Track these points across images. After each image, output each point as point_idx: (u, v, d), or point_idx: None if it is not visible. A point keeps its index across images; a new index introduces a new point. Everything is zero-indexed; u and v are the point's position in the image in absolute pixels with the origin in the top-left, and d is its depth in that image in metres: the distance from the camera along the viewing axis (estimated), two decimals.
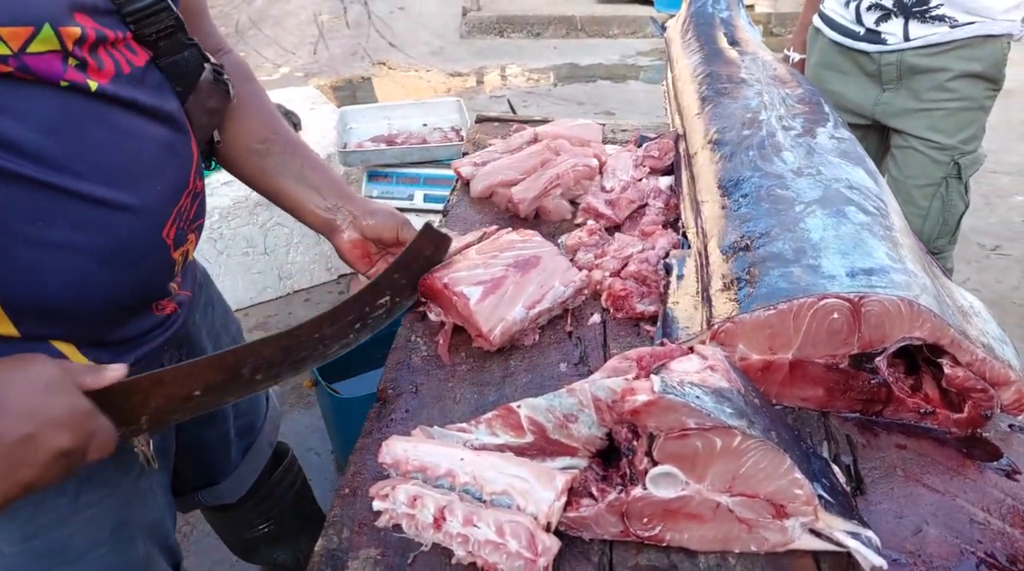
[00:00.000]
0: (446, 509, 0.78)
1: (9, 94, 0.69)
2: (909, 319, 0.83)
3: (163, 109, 0.84)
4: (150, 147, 0.81)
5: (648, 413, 0.70)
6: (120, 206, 0.78)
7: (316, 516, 1.60)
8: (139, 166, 0.80)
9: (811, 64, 2.13)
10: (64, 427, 0.66)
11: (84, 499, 0.87)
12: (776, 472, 0.71)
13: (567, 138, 1.48)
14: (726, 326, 0.88)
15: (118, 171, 0.78)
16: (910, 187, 1.90)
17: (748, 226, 1.02)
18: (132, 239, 0.80)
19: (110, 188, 0.77)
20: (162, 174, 0.83)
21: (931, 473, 0.83)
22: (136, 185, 0.80)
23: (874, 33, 1.86)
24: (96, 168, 0.76)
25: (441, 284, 1.03)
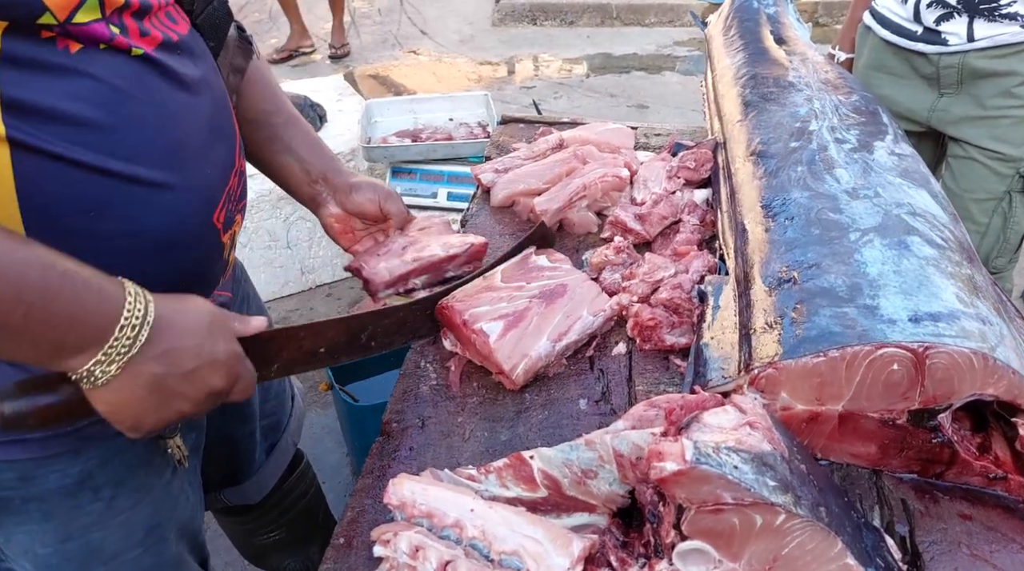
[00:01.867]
0: (449, 565, 0.70)
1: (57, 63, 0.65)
2: (982, 375, 0.73)
3: (208, 81, 0.82)
4: (198, 125, 0.79)
5: (678, 483, 0.61)
6: (172, 189, 0.76)
7: (328, 524, 1.57)
8: (189, 146, 0.77)
9: (859, 65, 1.99)
10: (221, 368, 0.72)
11: (118, 504, 0.86)
12: (825, 555, 0.62)
13: (596, 144, 1.38)
14: (768, 372, 0.79)
15: (169, 152, 0.75)
16: (968, 201, 1.75)
17: (795, 254, 0.91)
18: (185, 224, 0.78)
19: (162, 170, 0.74)
20: (211, 154, 0.81)
21: (1001, 551, 0.73)
22: (187, 166, 0.77)
23: (934, 33, 1.71)
24: (147, 149, 0.73)
25: (460, 320, 0.95)
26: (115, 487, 0.86)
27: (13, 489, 0.80)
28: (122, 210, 0.72)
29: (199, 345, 0.70)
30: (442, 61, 5.22)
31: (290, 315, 2.85)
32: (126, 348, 0.65)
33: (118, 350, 0.64)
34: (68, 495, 0.82)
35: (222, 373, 0.72)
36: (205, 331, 0.71)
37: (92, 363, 0.64)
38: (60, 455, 0.80)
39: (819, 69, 1.42)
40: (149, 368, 0.67)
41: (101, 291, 0.65)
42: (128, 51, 0.70)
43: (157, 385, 0.68)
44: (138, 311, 0.66)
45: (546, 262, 1.07)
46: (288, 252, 2.80)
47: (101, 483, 0.84)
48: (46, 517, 0.82)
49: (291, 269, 2.86)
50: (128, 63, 0.70)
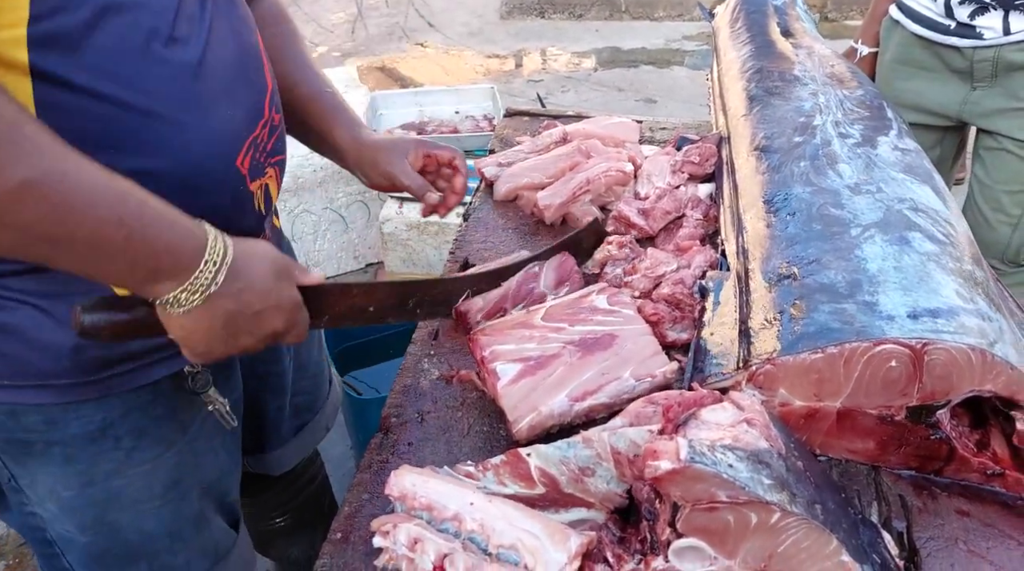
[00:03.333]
0: (447, 559, 0.71)
1: None
2: (980, 371, 0.73)
3: (235, 27, 0.84)
4: (222, 66, 0.81)
5: (672, 482, 0.61)
6: (191, 126, 0.78)
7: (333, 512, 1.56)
8: (211, 85, 0.79)
9: (885, 60, 1.96)
10: (283, 312, 0.77)
11: (137, 456, 0.88)
12: (820, 553, 0.62)
13: (601, 137, 1.38)
14: (766, 368, 0.79)
15: (188, 89, 0.77)
16: (999, 193, 1.74)
17: (796, 250, 0.91)
18: (203, 163, 0.80)
19: (180, 107, 0.77)
20: (235, 97, 0.83)
21: (998, 547, 0.73)
22: (206, 105, 0.79)
23: (967, 27, 1.69)
24: (166, 84, 0.75)
25: (480, 355, 0.90)
26: (136, 438, 0.88)
27: (38, 432, 0.82)
28: (140, 146, 0.74)
29: (267, 289, 0.75)
30: (449, 54, 5.21)
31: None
32: (208, 281, 0.70)
33: (202, 281, 0.70)
34: (90, 441, 0.85)
35: (283, 317, 0.77)
36: (273, 276, 0.76)
37: (179, 290, 0.69)
38: (85, 402, 0.82)
39: (825, 63, 1.40)
40: (225, 303, 0.72)
41: (188, 226, 0.70)
42: None
43: (229, 319, 0.73)
44: (218, 250, 0.71)
45: (604, 304, 0.97)
46: (293, 245, 2.79)
47: (122, 432, 0.86)
48: (68, 461, 0.85)
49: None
50: None
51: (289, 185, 2.66)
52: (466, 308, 0.98)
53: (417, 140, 1.13)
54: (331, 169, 2.72)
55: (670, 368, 0.89)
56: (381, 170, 1.09)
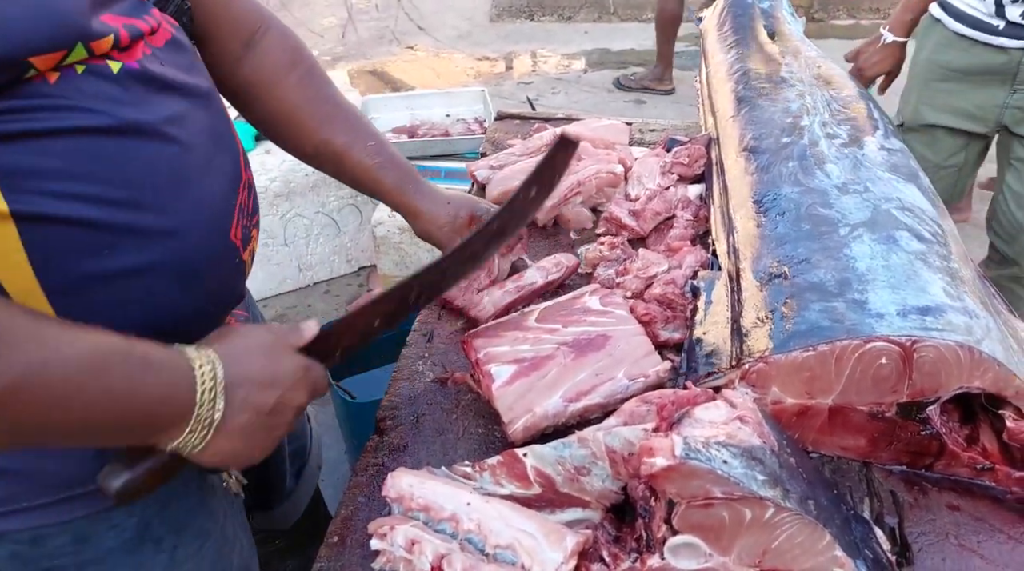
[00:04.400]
0: (445, 559, 0.71)
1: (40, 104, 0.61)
2: (968, 367, 0.74)
3: (202, 88, 0.77)
4: (200, 138, 0.74)
5: (668, 479, 0.62)
6: (182, 213, 0.71)
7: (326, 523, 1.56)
8: (193, 163, 0.73)
9: (921, 59, 1.95)
10: (299, 386, 0.72)
11: (181, 553, 0.82)
12: (813, 548, 0.63)
13: (591, 140, 1.38)
14: (758, 367, 0.80)
15: (173, 173, 0.70)
16: None
17: (785, 249, 0.92)
18: (200, 245, 0.74)
19: (169, 195, 0.70)
20: (217, 168, 0.77)
21: (989, 542, 0.74)
22: (194, 185, 0.73)
23: (1018, 27, 1.68)
24: (150, 176, 0.68)
25: (474, 357, 0.91)
26: (176, 535, 0.81)
27: (68, 555, 0.75)
28: (134, 242, 0.68)
29: (272, 380, 0.69)
30: (440, 57, 5.21)
31: (288, 312, 2.85)
32: (210, 412, 0.65)
33: (203, 417, 0.64)
34: (129, 551, 0.78)
35: (301, 390, 0.72)
36: (270, 363, 0.70)
37: (186, 434, 0.64)
38: (115, 508, 0.75)
39: (811, 64, 1.42)
40: (237, 422, 0.67)
41: (173, 364, 0.64)
42: (108, 69, 0.65)
43: (250, 431, 0.68)
44: (207, 376, 0.65)
45: (597, 305, 0.98)
46: (286, 249, 2.81)
47: (162, 533, 0.80)
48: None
49: (288, 266, 2.87)
50: (111, 83, 0.65)
51: (281, 189, 2.65)
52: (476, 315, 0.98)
53: (472, 209, 1.02)
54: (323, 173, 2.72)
55: (663, 367, 0.89)
56: (431, 238, 1.02)
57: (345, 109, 0.99)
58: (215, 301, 0.80)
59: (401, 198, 1.00)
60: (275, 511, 1.21)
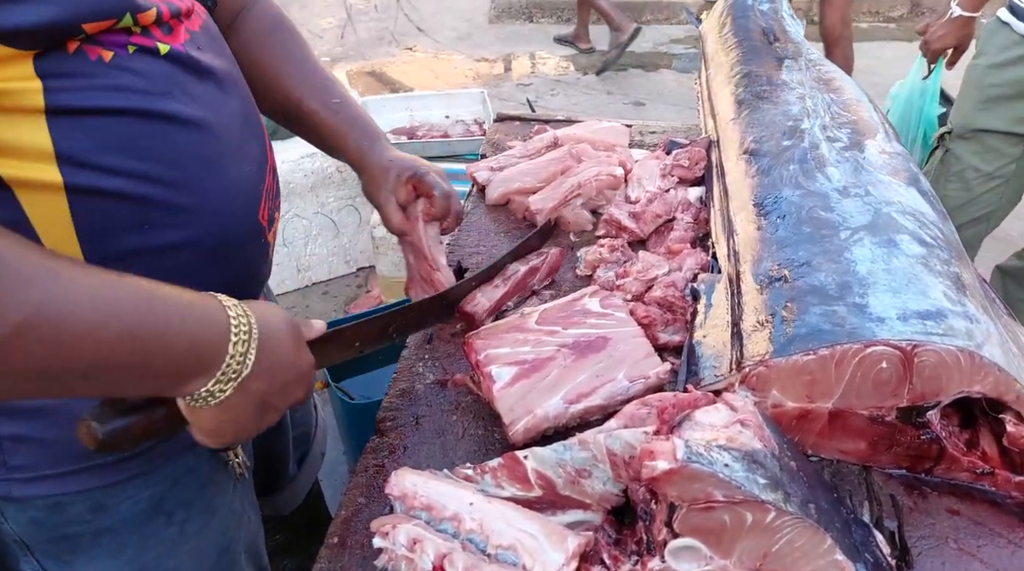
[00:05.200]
0: (446, 559, 0.71)
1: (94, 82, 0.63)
2: (969, 372, 0.74)
3: (233, 74, 0.80)
4: (234, 122, 0.77)
5: (669, 482, 0.61)
6: (219, 193, 0.74)
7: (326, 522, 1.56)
8: (229, 145, 0.76)
9: (979, 63, 1.92)
10: (304, 379, 0.71)
11: (190, 527, 0.83)
12: (814, 552, 0.63)
13: (591, 142, 1.39)
14: (759, 370, 0.80)
15: (212, 155, 0.73)
16: None
17: (786, 252, 0.92)
18: (235, 226, 0.77)
19: (208, 175, 0.73)
20: (248, 151, 0.79)
21: (988, 546, 0.74)
22: (230, 167, 0.76)
23: None
24: (191, 157, 0.71)
25: (475, 359, 0.91)
26: (186, 509, 0.82)
27: (85, 523, 0.76)
28: (170, 219, 0.70)
29: (292, 359, 0.69)
30: (439, 58, 5.21)
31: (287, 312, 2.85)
32: (239, 365, 0.63)
33: (233, 368, 0.62)
34: (142, 522, 0.79)
35: (305, 383, 0.72)
36: (293, 343, 0.69)
37: (211, 383, 0.62)
38: (131, 479, 0.77)
39: (812, 66, 1.42)
40: (257, 384, 0.65)
41: (206, 311, 0.63)
42: (156, 50, 0.68)
43: (261, 400, 0.66)
44: (243, 327, 0.63)
45: (597, 307, 0.98)
46: (284, 250, 2.81)
47: (173, 506, 0.81)
48: (119, 550, 0.78)
49: (287, 267, 2.86)
50: (159, 64, 0.69)
51: (280, 190, 2.65)
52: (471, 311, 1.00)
53: (411, 171, 1.00)
54: (322, 174, 2.72)
55: (663, 369, 0.89)
56: (372, 199, 1.03)
57: (318, 72, 1.02)
58: (244, 279, 0.83)
59: (354, 156, 1.01)
60: (276, 497, 1.22)
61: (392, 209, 1.00)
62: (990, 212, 2.04)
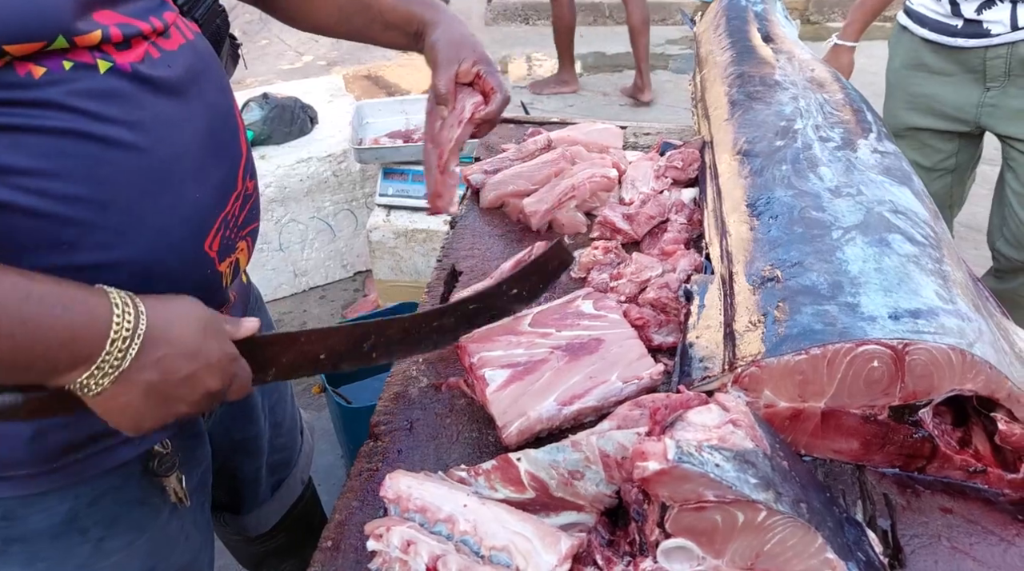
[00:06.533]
0: (440, 560, 0.71)
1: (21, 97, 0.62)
2: (960, 370, 0.74)
3: (206, 97, 0.77)
4: (186, 147, 0.74)
5: (660, 482, 0.62)
6: (151, 215, 0.71)
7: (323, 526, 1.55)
8: (174, 168, 0.73)
9: (894, 67, 1.98)
10: (216, 370, 0.70)
11: (108, 546, 0.82)
12: (806, 551, 0.63)
13: (585, 144, 1.39)
14: (751, 370, 0.80)
15: (148, 175, 0.71)
16: None
17: (778, 253, 0.92)
18: (166, 251, 0.74)
19: (140, 196, 0.70)
20: (203, 176, 0.76)
21: (981, 544, 0.74)
22: (170, 190, 0.73)
23: (975, 24, 1.68)
24: (123, 175, 0.69)
25: (468, 361, 0.91)
26: (105, 527, 0.82)
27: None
28: (96, 240, 0.69)
29: (193, 349, 0.68)
30: None
31: (283, 318, 2.85)
32: (118, 361, 0.64)
33: (110, 363, 0.63)
34: (54, 536, 0.79)
35: (217, 375, 0.70)
36: (199, 334, 0.69)
37: (85, 377, 0.63)
38: (48, 492, 0.77)
39: (805, 67, 1.42)
40: (143, 376, 0.65)
41: (87, 308, 0.63)
42: (95, 67, 0.66)
43: (152, 391, 0.66)
44: (127, 323, 0.64)
45: (590, 309, 0.98)
46: (280, 254, 2.81)
47: (89, 523, 0.80)
48: (30, 561, 0.79)
49: (284, 272, 2.86)
50: (98, 81, 0.66)
51: (276, 195, 2.65)
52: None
53: (486, 63, 1.04)
54: (317, 178, 2.72)
55: (656, 370, 0.90)
56: (430, 57, 1.05)
57: None
58: None
59: (428, 15, 1.05)
60: (244, 518, 1.21)
61: (448, 75, 1.02)
62: (944, 203, 2.08)
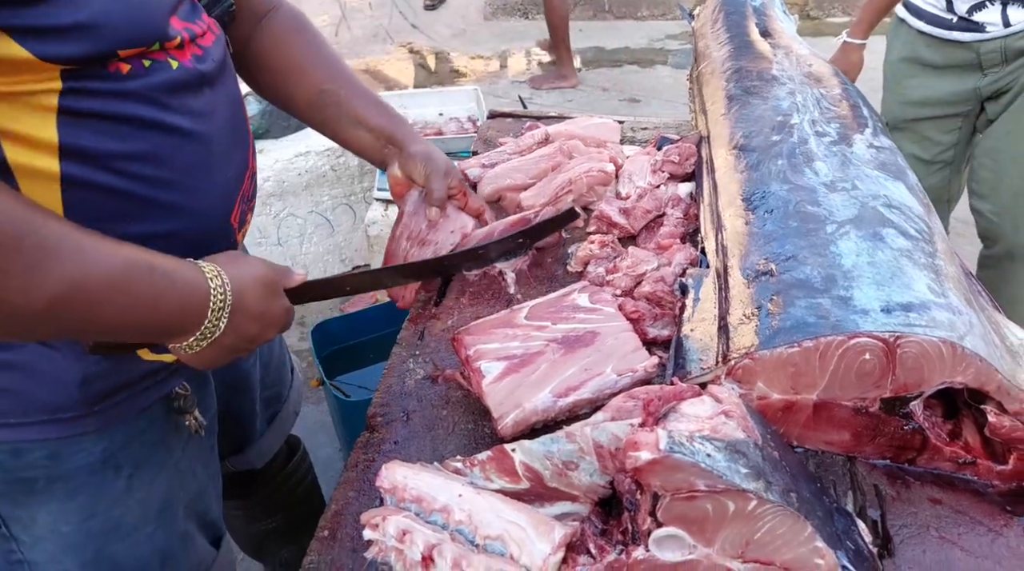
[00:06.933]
0: (435, 549, 0.72)
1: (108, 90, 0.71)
2: (951, 363, 0.75)
3: (230, 84, 0.88)
4: (222, 132, 0.84)
5: (652, 472, 0.62)
6: (198, 195, 0.82)
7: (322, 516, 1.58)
8: (214, 153, 0.83)
9: (891, 60, 2.03)
10: (275, 326, 0.85)
11: (136, 483, 0.91)
12: (795, 539, 0.64)
13: (582, 138, 1.39)
14: (744, 362, 0.80)
15: (198, 161, 0.81)
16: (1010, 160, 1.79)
17: (773, 246, 0.93)
18: (208, 226, 0.85)
19: (192, 178, 0.81)
20: (231, 159, 0.87)
21: (969, 534, 0.75)
22: (212, 173, 0.83)
23: (968, 21, 1.75)
24: (180, 162, 0.79)
25: (464, 354, 0.92)
26: (135, 466, 0.90)
27: (42, 468, 0.83)
28: (153, 213, 0.79)
29: (261, 312, 0.81)
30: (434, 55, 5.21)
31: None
32: (213, 328, 0.77)
33: (210, 329, 0.77)
34: (92, 473, 0.86)
35: (274, 329, 0.85)
36: (265, 297, 0.81)
37: (191, 340, 0.76)
38: (87, 434, 0.84)
39: (803, 62, 1.43)
40: (227, 340, 0.79)
41: (190, 279, 0.75)
42: (168, 66, 0.76)
43: (229, 349, 0.80)
44: (220, 293, 0.76)
45: (586, 302, 0.99)
46: (279, 249, 2.81)
47: (123, 461, 0.88)
48: (71, 495, 0.86)
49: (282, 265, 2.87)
50: (168, 78, 0.76)
51: (274, 189, 2.66)
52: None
53: (459, 176, 1.19)
54: (316, 173, 2.72)
55: (651, 362, 0.90)
56: (414, 165, 1.13)
57: (347, 69, 1.15)
58: None
59: (395, 134, 1.13)
60: (246, 453, 1.28)
61: (446, 184, 1.14)
62: (942, 197, 2.11)
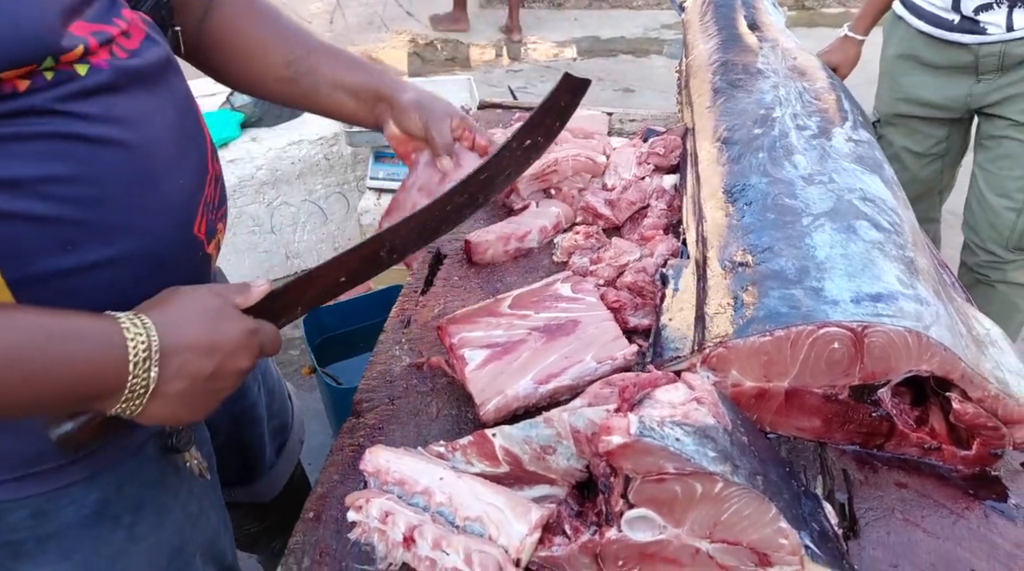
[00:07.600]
0: (416, 530, 0.75)
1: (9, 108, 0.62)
2: (916, 352, 0.77)
3: (172, 84, 0.78)
4: (166, 136, 0.75)
5: (623, 455, 0.65)
6: (147, 209, 0.72)
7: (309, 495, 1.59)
8: (160, 160, 0.73)
9: (888, 55, 2.03)
10: (241, 350, 0.71)
11: (139, 530, 0.84)
12: (760, 520, 0.66)
13: (570, 130, 1.40)
14: (718, 351, 0.83)
15: (140, 171, 0.71)
16: (1003, 179, 1.80)
17: (751, 238, 0.95)
18: (164, 239, 0.75)
19: (136, 192, 0.71)
20: (184, 164, 0.77)
21: (932, 516, 0.78)
22: (161, 182, 0.73)
23: (972, 22, 1.74)
24: (116, 176, 0.69)
25: (448, 342, 0.94)
26: (134, 512, 0.83)
27: (27, 530, 0.76)
28: (99, 237, 0.69)
29: (209, 345, 0.68)
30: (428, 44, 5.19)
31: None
32: (144, 382, 0.65)
33: (138, 387, 0.65)
34: (87, 527, 0.79)
35: (243, 354, 0.71)
36: (209, 327, 0.69)
37: (119, 404, 0.65)
38: (74, 484, 0.77)
39: (788, 55, 1.44)
40: (173, 388, 0.67)
41: (101, 338, 0.64)
42: (74, 74, 0.66)
43: (187, 395, 0.68)
44: (141, 343, 0.65)
45: (568, 292, 1.01)
46: (272, 237, 2.82)
47: (120, 509, 0.81)
48: (66, 555, 0.78)
49: (276, 254, 2.88)
50: (80, 86, 0.67)
51: (267, 177, 2.67)
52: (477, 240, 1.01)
53: (460, 112, 1.04)
54: (309, 161, 2.73)
55: (630, 350, 0.93)
56: (410, 118, 1.00)
57: (312, 35, 1.01)
58: None
59: (385, 87, 1.00)
60: (255, 485, 1.24)
61: (447, 129, 1.00)
62: (934, 188, 2.13)
